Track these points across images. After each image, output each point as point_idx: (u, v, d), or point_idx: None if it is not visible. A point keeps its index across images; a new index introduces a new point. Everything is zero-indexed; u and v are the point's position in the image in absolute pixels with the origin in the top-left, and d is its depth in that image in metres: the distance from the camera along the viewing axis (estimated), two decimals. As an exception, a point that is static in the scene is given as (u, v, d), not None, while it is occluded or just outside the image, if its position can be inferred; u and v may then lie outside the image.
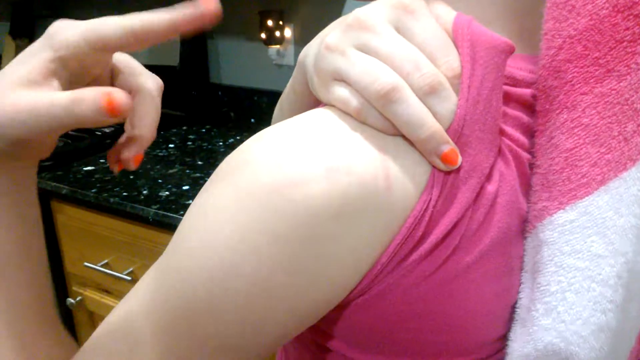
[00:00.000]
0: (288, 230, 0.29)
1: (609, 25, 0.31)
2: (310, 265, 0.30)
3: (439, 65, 0.32)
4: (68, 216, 1.21)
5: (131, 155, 0.38)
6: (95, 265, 1.18)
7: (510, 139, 0.34)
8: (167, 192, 1.11)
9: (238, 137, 1.50)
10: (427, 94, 0.31)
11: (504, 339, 0.35)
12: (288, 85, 0.51)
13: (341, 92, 0.33)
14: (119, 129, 1.44)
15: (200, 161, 1.31)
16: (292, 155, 0.31)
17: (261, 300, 0.30)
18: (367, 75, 0.31)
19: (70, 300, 1.29)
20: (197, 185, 1.16)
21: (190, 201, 1.05)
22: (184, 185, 1.15)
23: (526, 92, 0.35)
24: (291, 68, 1.52)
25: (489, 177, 0.33)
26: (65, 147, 1.32)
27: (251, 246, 0.30)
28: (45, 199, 1.23)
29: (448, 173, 0.32)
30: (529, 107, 0.35)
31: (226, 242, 0.30)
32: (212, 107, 1.68)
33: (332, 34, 0.34)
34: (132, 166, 0.38)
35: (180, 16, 0.32)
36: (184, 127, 1.59)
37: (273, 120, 0.57)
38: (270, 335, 0.32)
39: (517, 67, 0.35)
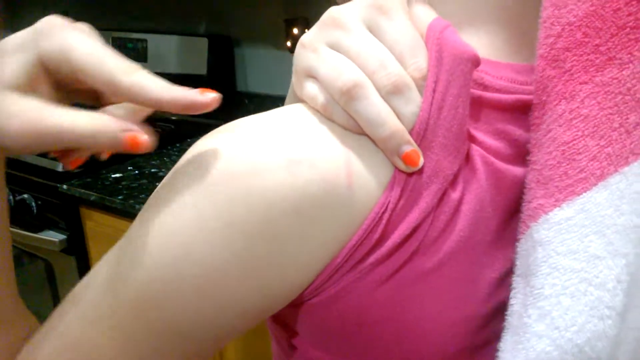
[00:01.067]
0: (242, 220, 0.29)
1: (611, 11, 0.30)
2: (262, 258, 0.30)
3: (407, 66, 0.31)
4: (96, 222, 1.23)
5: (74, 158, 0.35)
6: (122, 271, 1.20)
7: (481, 146, 0.33)
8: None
9: (263, 145, 1.50)
10: (390, 93, 0.31)
11: (468, 352, 0.34)
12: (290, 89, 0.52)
13: (311, 88, 0.33)
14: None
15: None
16: (255, 145, 0.30)
17: (214, 290, 0.30)
18: (333, 71, 0.31)
19: (98, 305, 1.30)
20: (222, 192, 1.16)
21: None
22: (210, 193, 1.15)
23: (505, 97, 0.33)
24: (317, 76, 1.52)
25: (453, 184, 0.32)
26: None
27: (206, 233, 0.29)
28: (75, 205, 1.25)
29: (410, 175, 0.31)
30: (508, 111, 0.34)
31: (183, 226, 0.29)
32: (238, 115, 1.69)
33: (309, 31, 0.34)
34: (69, 166, 0.36)
35: (180, 98, 0.30)
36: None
37: (286, 101, 0.58)
38: (223, 326, 0.32)
39: (496, 75, 0.34)
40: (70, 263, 1.29)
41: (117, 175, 1.27)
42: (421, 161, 0.31)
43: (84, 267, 1.31)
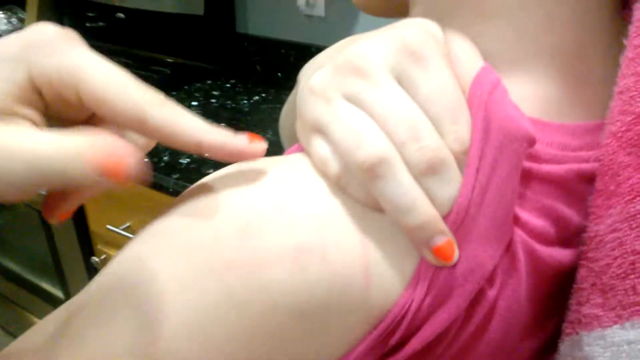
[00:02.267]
0: (239, 319, 0.25)
1: None
2: (256, 355, 0.26)
3: (445, 133, 0.26)
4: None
5: (65, 210, 0.29)
6: (118, 228, 1.18)
7: (524, 229, 0.28)
8: (187, 159, 1.08)
9: (263, 95, 1.44)
10: (424, 174, 0.25)
11: None
12: (288, 99, 0.45)
13: (321, 148, 0.28)
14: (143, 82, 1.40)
15: (224, 122, 1.27)
16: (259, 223, 0.25)
17: None
18: (352, 137, 0.26)
19: (95, 258, 1.30)
20: (219, 151, 1.12)
21: (212, 170, 1.01)
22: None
23: (555, 168, 0.28)
24: (321, 20, 1.43)
25: (490, 280, 0.27)
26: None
27: (197, 332, 0.25)
28: (67, 159, 1.21)
29: (440, 270, 0.26)
30: (556, 184, 0.28)
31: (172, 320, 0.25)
32: (238, 59, 1.62)
33: (319, 72, 0.28)
34: (56, 221, 0.29)
35: (224, 145, 0.26)
36: (208, 82, 1.54)
37: (280, 129, 0.52)
38: None
39: (546, 141, 0.28)
40: (66, 216, 1.27)
41: (110, 128, 1.22)
42: (456, 255, 0.26)
43: (79, 220, 1.29)
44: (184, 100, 1.40)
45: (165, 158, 1.08)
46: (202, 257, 0.25)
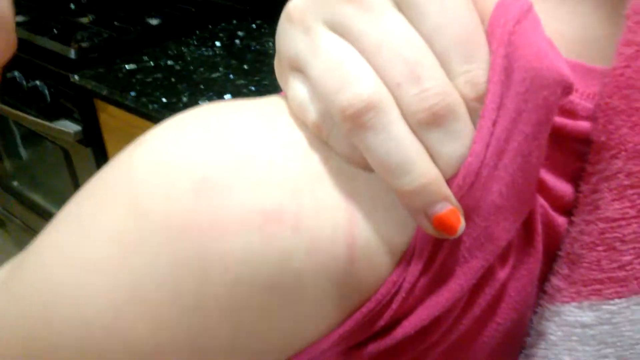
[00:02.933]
0: (194, 294, 0.21)
1: None
2: (218, 340, 0.22)
3: (455, 74, 0.20)
4: (110, 115, 1.19)
5: None
6: (137, 168, 1.18)
7: (547, 196, 0.23)
8: (207, 101, 1.05)
9: (289, 37, 1.39)
10: (424, 124, 0.20)
11: None
12: None
13: (298, 90, 0.23)
14: (167, 20, 1.36)
15: (246, 65, 1.23)
16: (221, 180, 0.21)
17: None
18: (333, 76, 0.21)
19: (116, 197, 1.31)
20: (239, 94, 1.09)
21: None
22: (226, 94, 1.08)
23: (581, 125, 0.23)
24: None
25: (502, 258, 0.23)
26: (109, 40, 1.27)
27: (138, 303, 0.21)
28: (89, 96, 1.20)
29: (439, 243, 0.21)
30: (585, 142, 0.23)
31: (99, 288, 0.22)
32: (265, -2, 1.56)
33: None
34: None
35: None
36: (234, 21, 1.49)
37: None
38: None
39: (586, 92, 0.23)
40: (88, 154, 1.28)
41: (131, 66, 1.20)
42: (461, 227, 0.21)
43: (101, 159, 1.29)
44: (207, 40, 1.36)
45: (185, 99, 1.06)
46: (149, 218, 0.21)
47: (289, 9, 0.23)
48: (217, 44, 1.34)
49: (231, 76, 1.17)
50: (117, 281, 0.21)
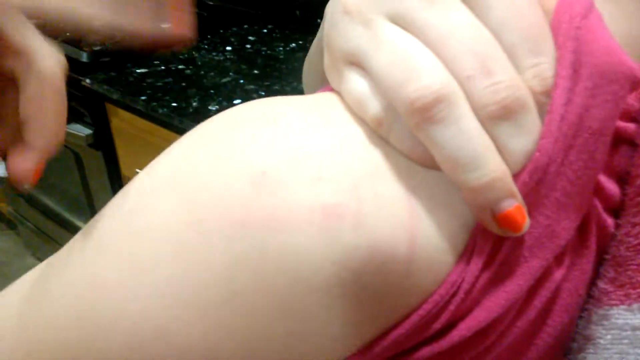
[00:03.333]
0: (249, 294, 0.20)
1: None
2: (272, 342, 0.21)
3: (523, 68, 0.20)
4: (121, 119, 1.19)
5: (27, 168, 0.26)
6: (147, 172, 1.18)
7: (600, 196, 0.22)
8: (217, 106, 1.05)
9: (300, 42, 1.39)
10: (495, 118, 0.20)
11: None
12: (317, 35, 0.40)
13: (357, 84, 0.22)
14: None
15: (257, 70, 1.22)
16: (280, 175, 0.21)
17: None
18: (400, 68, 0.20)
19: (126, 201, 1.31)
20: (248, 99, 1.08)
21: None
22: (236, 99, 1.08)
23: (634, 127, 0.22)
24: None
25: (559, 258, 0.22)
26: (121, 43, 1.27)
27: (191, 303, 0.21)
28: (100, 100, 1.20)
29: (501, 241, 0.21)
30: (633, 144, 0.23)
31: (148, 289, 0.21)
32: (278, 3, 1.56)
33: None
34: (30, 182, 0.26)
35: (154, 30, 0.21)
36: (245, 26, 1.49)
37: (304, 75, 0.46)
38: None
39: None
40: (98, 158, 1.28)
41: (142, 70, 1.20)
42: (526, 225, 0.20)
43: (112, 163, 1.29)
44: (218, 45, 1.36)
45: (195, 104, 1.06)
46: (206, 214, 0.20)
47: (345, 2, 0.22)
48: (228, 48, 1.34)
49: (241, 81, 1.17)
50: (168, 280, 0.20)
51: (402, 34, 0.21)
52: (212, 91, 1.11)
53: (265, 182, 0.20)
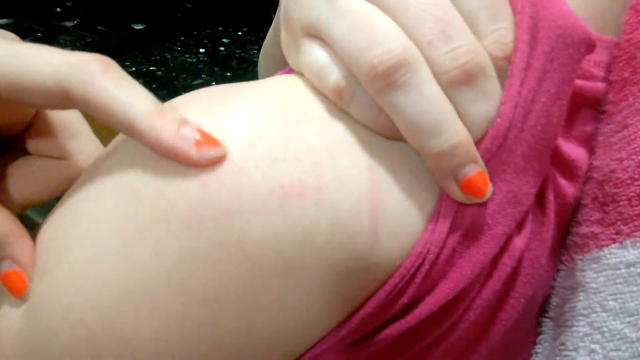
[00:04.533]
0: (209, 283, 0.20)
1: None
2: (233, 334, 0.21)
3: (482, 33, 0.20)
4: (92, 120, 1.17)
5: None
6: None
7: (557, 163, 0.23)
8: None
9: (275, 45, 1.38)
10: (456, 83, 0.20)
11: None
12: (272, 25, 0.39)
13: (316, 55, 0.22)
14: (152, 25, 1.34)
15: (230, 72, 1.21)
16: (233, 156, 0.20)
17: None
18: (360, 36, 0.20)
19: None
20: (221, 102, 1.07)
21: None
22: (208, 101, 1.07)
23: (599, 86, 0.23)
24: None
25: (519, 225, 0.22)
26: (92, 44, 1.25)
27: (140, 299, 0.20)
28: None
29: (464, 209, 0.21)
30: (598, 105, 0.23)
31: (94, 283, 0.20)
32: (253, 6, 1.55)
33: None
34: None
35: (159, 140, 0.21)
36: (220, 28, 1.48)
37: (259, 67, 0.46)
38: None
39: (597, 59, 0.23)
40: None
41: (113, 71, 1.18)
42: (489, 190, 0.20)
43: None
44: (191, 47, 1.35)
45: (165, 106, 1.05)
46: (150, 205, 0.20)
47: None
48: (201, 50, 1.33)
49: (214, 83, 1.15)
50: (115, 275, 0.20)
51: (361, 2, 0.20)
52: (182, 93, 1.10)
53: (216, 170, 0.20)
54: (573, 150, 0.23)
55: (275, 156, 0.20)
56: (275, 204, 0.19)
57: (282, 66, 0.27)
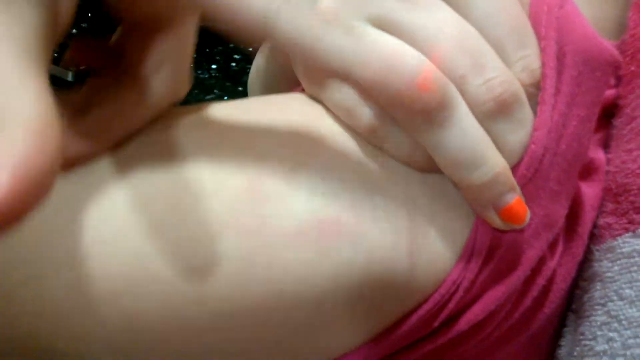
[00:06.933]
0: (225, 296, 0.21)
1: None
2: (240, 346, 0.22)
3: (511, 62, 0.20)
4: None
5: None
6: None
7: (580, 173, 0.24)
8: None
9: (286, 60, 1.40)
10: (492, 114, 0.20)
11: None
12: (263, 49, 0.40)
13: (345, 94, 0.22)
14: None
15: (241, 87, 1.23)
16: (269, 188, 0.21)
17: None
18: (393, 75, 0.20)
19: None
20: (232, 116, 1.09)
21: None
22: (220, 116, 1.09)
23: (611, 92, 0.24)
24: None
25: (551, 246, 0.23)
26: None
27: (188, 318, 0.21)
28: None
29: (499, 236, 0.21)
30: (610, 108, 0.24)
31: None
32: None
33: None
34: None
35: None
36: (231, 45, 1.50)
37: (250, 82, 0.46)
38: None
39: None
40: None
41: (127, 88, 1.20)
42: (528, 216, 0.21)
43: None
44: (203, 63, 1.37)
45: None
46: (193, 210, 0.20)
47: (324, 9, 0.21)
48: (213, 66, 1.35)
49: (226, 98, 1.17)
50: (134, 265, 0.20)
51: (389, 38, 0.20)
52: (195, 108, 1.12)
53: (260, 193, 0.20)
54: (593, 154, 0.23)
55: (314, 187, 0.20)
56: (312, 235, 0.20)
57: (275, 91, 0.27)
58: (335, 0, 0.21)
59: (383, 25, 0.21)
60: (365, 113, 0.21)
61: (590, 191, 0.24)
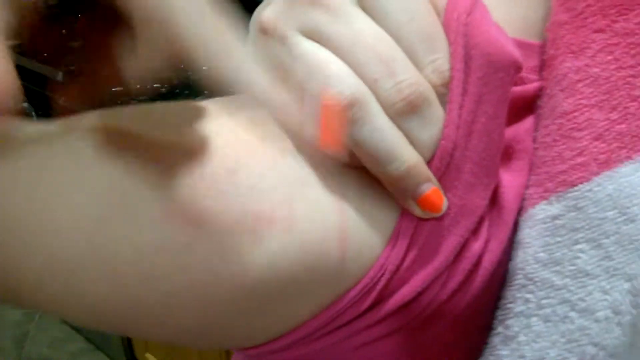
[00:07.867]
0: (171, 277, 0.22)
1: None
2: (188, 326, 0.23)
3: (422, 65, 0.23)
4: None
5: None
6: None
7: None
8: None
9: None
10: (402, 113, 0.22)
11: None
12: None
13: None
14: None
15: (233, 88, 1.24)
16: (217, 186, 0.22)
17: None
18: (315, 79, 0.22)
19: None
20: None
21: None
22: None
23: (536, 85, 0.26)
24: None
25: (475, 231, 0.25)
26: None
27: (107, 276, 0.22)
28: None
29: (422, 224, 0.24)
30: (532, 101, 0.26)
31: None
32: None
33: (269, 7, 0.24)
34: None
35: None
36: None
37: None
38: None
39: (530, 65, 0.26)
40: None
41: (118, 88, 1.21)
42: (445, 204, 0.23)
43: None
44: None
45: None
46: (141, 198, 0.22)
47: (261, 22, 0.24)
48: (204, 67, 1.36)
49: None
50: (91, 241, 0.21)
51: (315, 47, 0.23)
52: (186, 108, 1.12)
53: (202, 190, 0.22)
54: (520, 142, 0.26)
55: (253, 186, 0.22)
56: (247, 227, 0.22)
57: None
58: (273, 14, 0.24)
59: (311, 34, 0.23)
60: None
61: (516, 180, 0.26)
